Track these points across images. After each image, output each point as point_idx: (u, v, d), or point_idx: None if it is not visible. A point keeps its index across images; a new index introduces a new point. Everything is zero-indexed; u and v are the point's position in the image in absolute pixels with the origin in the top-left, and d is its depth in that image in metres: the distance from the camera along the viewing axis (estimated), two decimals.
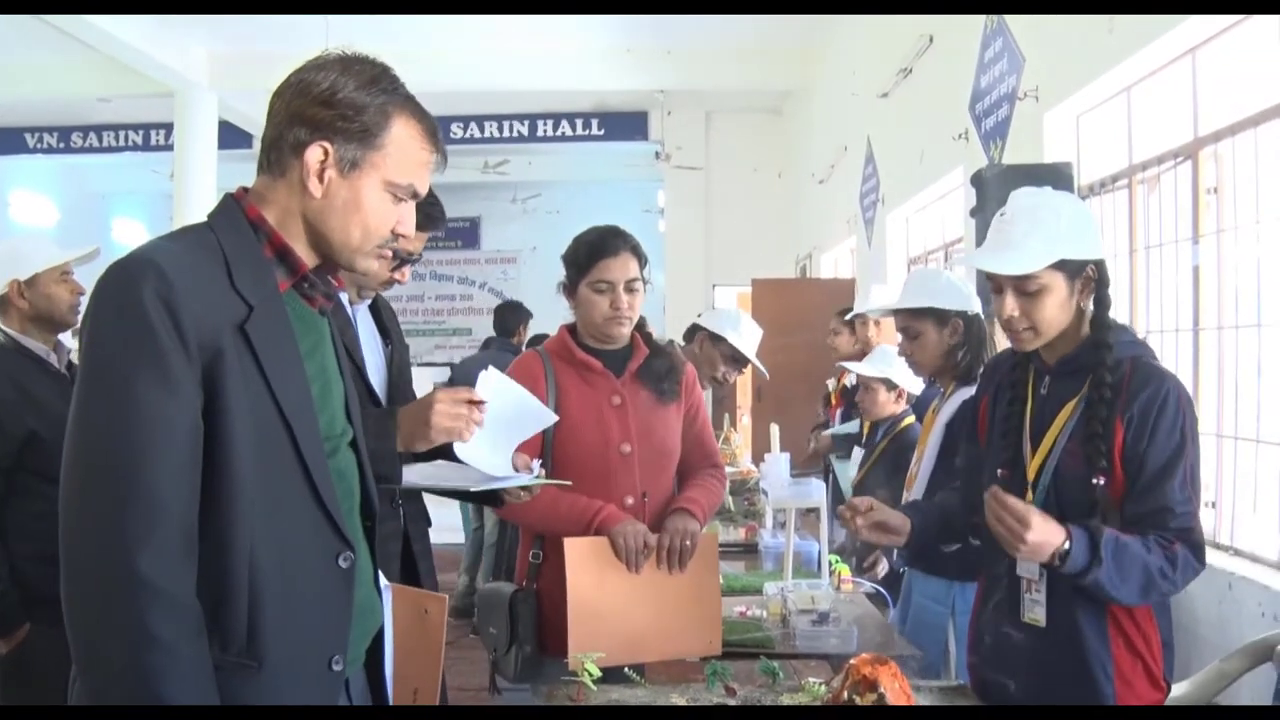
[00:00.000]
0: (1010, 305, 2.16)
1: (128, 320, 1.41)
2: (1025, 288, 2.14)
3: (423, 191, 1.66)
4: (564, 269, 2.89)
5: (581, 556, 2.62)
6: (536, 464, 2.31)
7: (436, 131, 1.66)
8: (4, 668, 3.08)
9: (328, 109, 1.55)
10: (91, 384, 1.43)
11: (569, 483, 2.50)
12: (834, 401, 5.71)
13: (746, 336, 4.27)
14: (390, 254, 1.70)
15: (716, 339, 4.23)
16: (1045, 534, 2.01)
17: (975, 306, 3.29)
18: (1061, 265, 2.12)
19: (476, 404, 2.06)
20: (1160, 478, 2.05)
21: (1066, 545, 2.01)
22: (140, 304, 1.40)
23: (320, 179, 1.56)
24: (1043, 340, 2.19)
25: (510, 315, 7.33)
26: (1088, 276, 2.16)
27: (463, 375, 7.32)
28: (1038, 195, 2.22)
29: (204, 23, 9.89)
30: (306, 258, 1.62)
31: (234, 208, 1.60)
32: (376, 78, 1.60)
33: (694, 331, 4.49)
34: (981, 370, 2.84)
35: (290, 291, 1.61)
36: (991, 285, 2.21)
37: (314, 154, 1.55)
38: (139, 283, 1.41)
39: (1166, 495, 2.05)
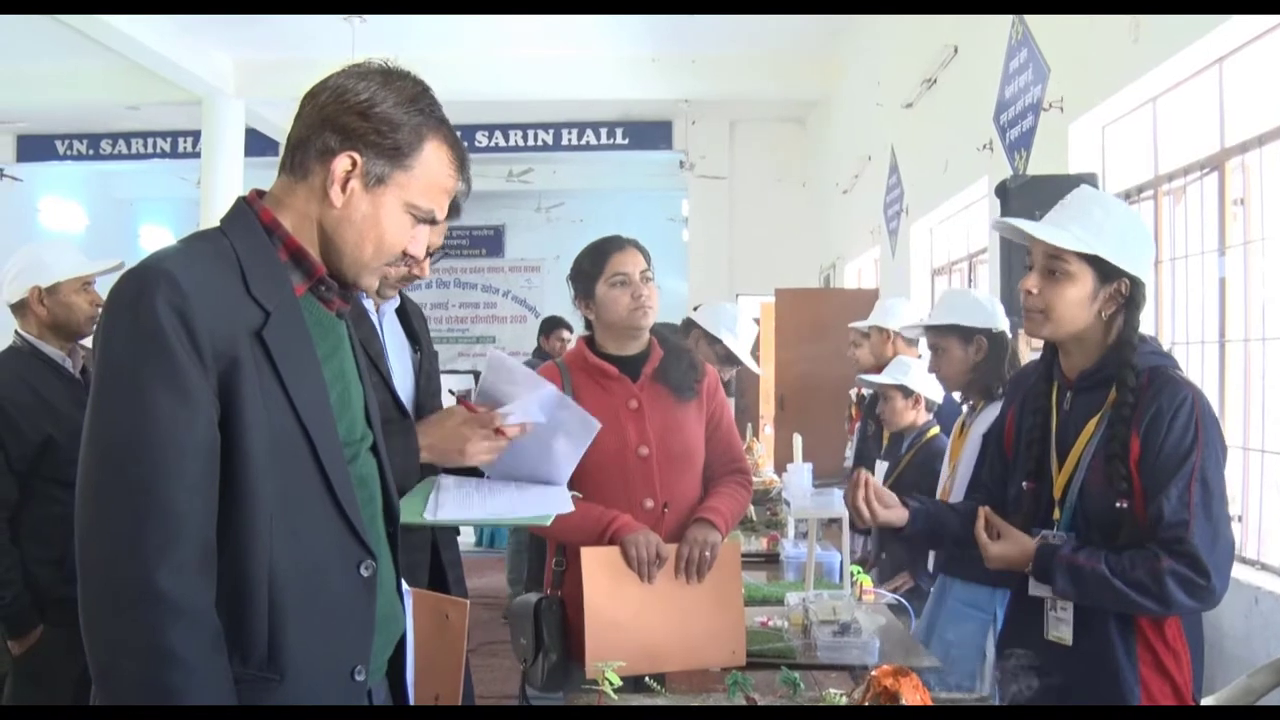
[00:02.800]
0: (1032, 281, 2.18)
1: (141, 332, 1.38)
2: (1052, 268, 2.15)
3: (441, 218, 1.64)
4: (572, 286, 2.94)
5: (598, 566, 2.63)
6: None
7: (465, 160, 1.65)
8: (17, 669, 3.11)
9: (363, 120, 1.54)
10: (106, 397, 1.40)
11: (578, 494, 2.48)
12: (854, 414, 5.69)
13: (743, 338, 4.31)
14: (391, 271, 1.68)
15: (712, 338, 4.24)
16: (1006, 558, 2.21)
17: (1000, 324, 3.35)
18: (1096, 264, 2.12)
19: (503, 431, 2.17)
20: (1160, 485, 2.03)
21: (1029, 566, 2.16)
22: (154, 314, 1.38)
23: (343, 189, 1.54)
24: (1052, 329, 2.18)
25: (543, 326, 7.87)
26: (1118, 289, 2.14)
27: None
28: (1098, 194, 2.25)
29: (231, 30, 9.96)
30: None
31: (247, 211, 1.58)
32: (416, 96, 1.58)
33: (688, 327, 4.47)
34: (1009, 381, 2.84)
35: (307, 295, 1.59)
36: (1027, 262, 2.23)
37: (341, 163, 1.54)
38: (152, 292, 1.39)
39: (1160, 503, 2.02)
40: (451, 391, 2.53)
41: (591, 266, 2.88)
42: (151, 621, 1.34)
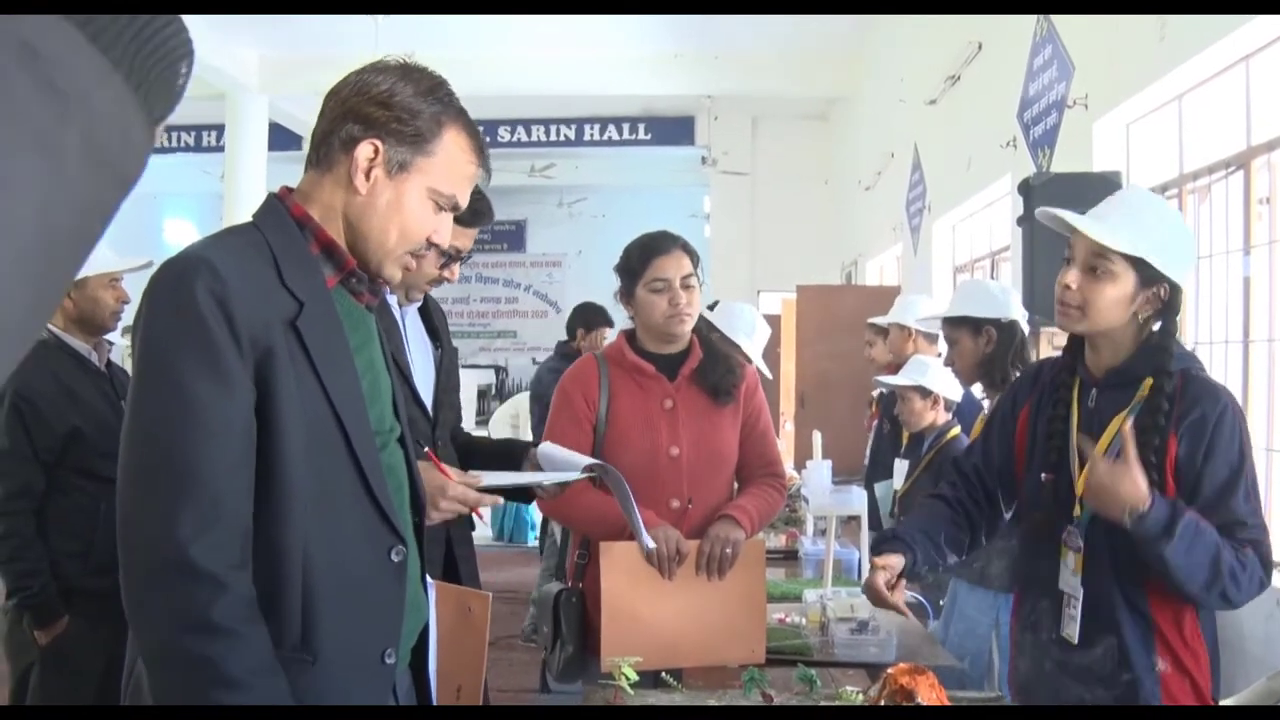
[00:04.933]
0: (1073, 276, 2.14)
1: (182, 318, 1.42)
2: (1095, 265, 2.11)
3: (463, 205, 1.68)
4: (618, 279, 2.92)
5: (618, 560, 2.63)
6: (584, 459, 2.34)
7: (484, 148, 1.69)
8: (44, 658, 3.15)
9: (384, 109, 1.57)
10: (147, 382, 1.44)
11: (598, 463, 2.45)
12: (872, 411, 5.66)
13: (759, 341, 4.31)
14: (414, 263, 1.70)
15: (728, 340, 4.24)
16: (1115, 489, 1.98)
17: (1011, 314, 3.33)
18: (1139, 266, 2.10)
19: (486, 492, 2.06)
20: (1225, 493, 2.04)
21: (1146, 507, 1.97)
22: (194, 301, 1.41)
23: (367, 176, 1.58)
24: (1087, 325, 2.15)
25: (581, 318, 6.53)
26: (1157, 293, 2.12)
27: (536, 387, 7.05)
28: (1151, 196, 2.23)
29: (256, 26, 10.02)
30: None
31: (278, 207, 1.62)
32: (434, 87, 1.62)
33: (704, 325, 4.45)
34: (1017, 376, 2.81)
35: (338, 288, 1.62)
36: (1066, 254, 2.18)
37: (364, 150, 1.57)
38: (193, 280, 1.43)
39: (1235, 509, 2.03)
40: (422, 445, 2.44)
41: (636, 265, 2.85)
42: (191, 596, 1.38)
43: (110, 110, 0.73)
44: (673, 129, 13.20)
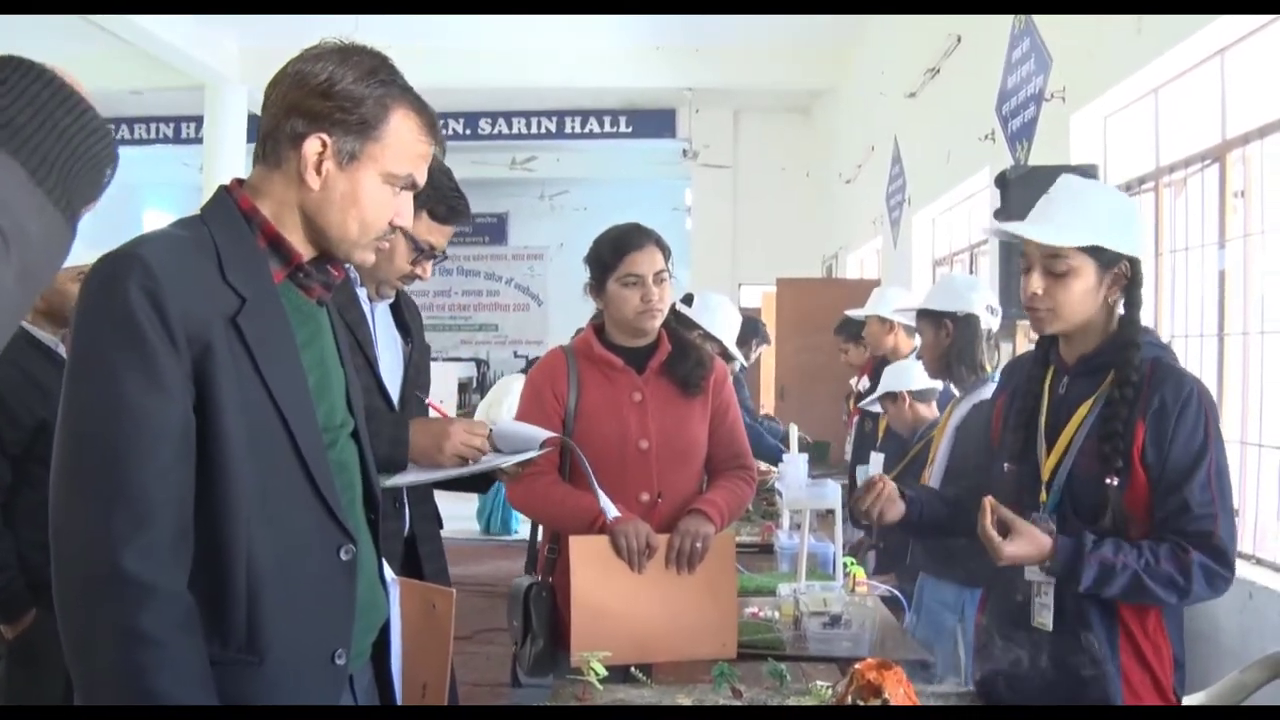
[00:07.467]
0: (1036, 282, 2.13)
1: (114, 316, 1.39)
2: (1054, 268, 2.11)
3: (421, 182, 1.64)
4: (588, 270, 2.89)
5: (587, 554, 2.61)
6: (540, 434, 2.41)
7: (435, 123, 1.64)
8: (11, 653, 3.12)
9: (325, 100, 1.53)
10: (78, 381, 1.41)
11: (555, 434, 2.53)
12: (852, 408, 5.67)
13: (734, 330, 4.36)
14: (387, 245, 1.67)
15: (706, 333, 4.25)
16: (1020, 558, 2.05)
17: (971, 309, 3.34)
18: (1095, 254, 2.09)
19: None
20: (1181, 479, 2.01)
21: (1049, 561, 2.04)
22: (126, 299, 1.38)
23: (318, 171, 1.54)
24: (1061, 324, 2.15)
25: None
26: (1120, 272, 2.12)
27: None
28: (1085, 182, 2.22)
29: (236, 18, 9.95)
30: (303, 249, 1.59)
31: (226, 200, 1.58)
32: (375, 69, 1.57)
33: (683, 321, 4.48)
34: (1000, 370, 2.82)
35: (286, 282, 1.59)
36: (1022, 264, 2.18)
37: (312, 146, 1.53)
38: (124, 278, 1.39)
39: (1185, 496, 2.00)
40: (421, 396, 2.53)
41: (608, 259, 2.82)
42: (120, 604, 1.35)
43: (42, 237, 0.80)
44: (654, 122, 13.17)
